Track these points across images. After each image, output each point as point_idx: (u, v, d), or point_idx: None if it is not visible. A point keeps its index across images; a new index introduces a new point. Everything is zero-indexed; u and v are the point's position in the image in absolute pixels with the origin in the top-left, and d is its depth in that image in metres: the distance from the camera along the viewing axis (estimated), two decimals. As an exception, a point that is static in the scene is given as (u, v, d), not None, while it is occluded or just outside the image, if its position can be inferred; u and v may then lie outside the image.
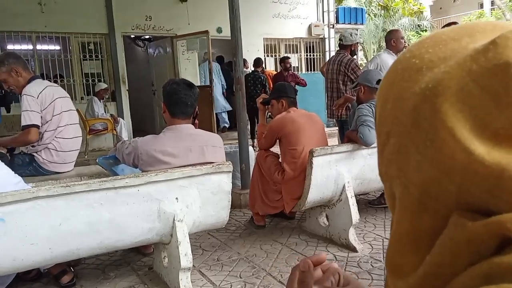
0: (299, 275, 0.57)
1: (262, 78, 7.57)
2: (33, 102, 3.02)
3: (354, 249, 2.92)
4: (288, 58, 8.06)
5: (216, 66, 9.00)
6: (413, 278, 0.34)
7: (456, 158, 0.31)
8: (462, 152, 0.31)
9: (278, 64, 10.32)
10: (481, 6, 20.74)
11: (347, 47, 4.59)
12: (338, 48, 4.78)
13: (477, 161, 0.30)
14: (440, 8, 21.77)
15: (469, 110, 0.31)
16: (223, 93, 9.22)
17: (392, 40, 4.54)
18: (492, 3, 18.73)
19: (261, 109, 3.59)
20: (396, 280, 0.37)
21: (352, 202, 3.01)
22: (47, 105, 3.08)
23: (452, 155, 0.31)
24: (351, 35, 4.58)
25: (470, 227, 0.30)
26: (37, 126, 3.04)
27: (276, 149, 3.34)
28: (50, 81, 4.31)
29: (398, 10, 15.72)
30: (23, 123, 3.01)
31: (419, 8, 16.06)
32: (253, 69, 7.82)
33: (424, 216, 0.34)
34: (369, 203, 3.94)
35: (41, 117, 3.06)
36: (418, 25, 16.57)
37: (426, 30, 16.16)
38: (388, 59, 4.38)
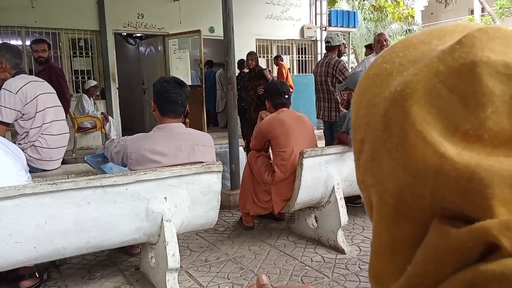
0: None
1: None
2: (9, 99, 2.94)
3: (342, 251, 2.93)
4: None
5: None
6: None
7: (427, 161, 0.30)
8: (433, 155, 0.30)
9: (270, 65, 10.32)
10: (472, 12, 20.98)
11: (334, 48, 4.63)
12: (326, 51, 4.84)
13: (448, 164, 0.29)
14: (431, 14, 21.98)
15: (438, 112, 0.31)
16: None
17: (375, 43, 4.82)
18: (483, 10, 18.96)
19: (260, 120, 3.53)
20: None
21: (341, 204, 3.01)
22: (28, 101, 3.01)
23: (423, 158, 0.30)
24: (337, 36, 4.65)
25: (455, 235, 0.29)
26: (6, 124, 2.98)
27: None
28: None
29: (389, 14, 15.84)
30: None
31: (408, 13, 16.20)
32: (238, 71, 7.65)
33: (401, 225, 0.33)
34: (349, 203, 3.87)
35: (21, 113, 2.99)
36: (409, 30, 16.70)
37: None
38: None
